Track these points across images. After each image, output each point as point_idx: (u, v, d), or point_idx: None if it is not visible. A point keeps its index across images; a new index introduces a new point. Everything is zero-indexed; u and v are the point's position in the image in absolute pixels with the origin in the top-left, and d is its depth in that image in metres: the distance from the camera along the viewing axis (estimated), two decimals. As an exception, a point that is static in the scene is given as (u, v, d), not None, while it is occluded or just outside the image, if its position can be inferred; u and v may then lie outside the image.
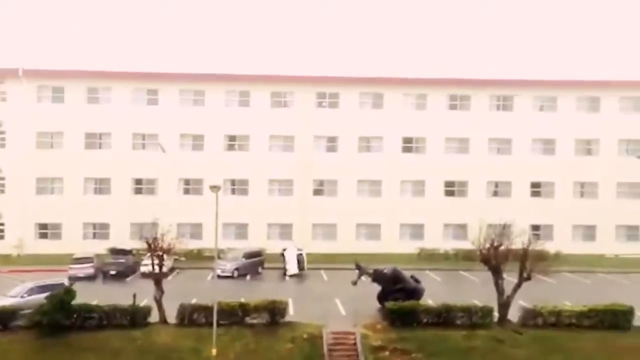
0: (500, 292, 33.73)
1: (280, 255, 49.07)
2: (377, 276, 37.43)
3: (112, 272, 46.04)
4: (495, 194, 59.47)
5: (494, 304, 33.92)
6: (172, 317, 32.75)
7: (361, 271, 38.37)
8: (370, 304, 36.51)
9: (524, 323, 33.36)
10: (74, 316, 31.61)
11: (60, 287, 34.92)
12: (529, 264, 33.61)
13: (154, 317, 32.86)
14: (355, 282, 38.28)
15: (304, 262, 48.29)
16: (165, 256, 34.96)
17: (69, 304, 31.54)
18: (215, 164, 56.58)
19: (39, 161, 56.20)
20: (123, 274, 46.08)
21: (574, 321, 33.28)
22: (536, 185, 59.41)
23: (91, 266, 45.66)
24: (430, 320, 33.02)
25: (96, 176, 57.14)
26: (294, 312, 34.73)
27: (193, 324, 32.32)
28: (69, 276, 42.48)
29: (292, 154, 58.20)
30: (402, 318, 32.88)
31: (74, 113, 56.50)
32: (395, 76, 59.52)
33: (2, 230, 56.36)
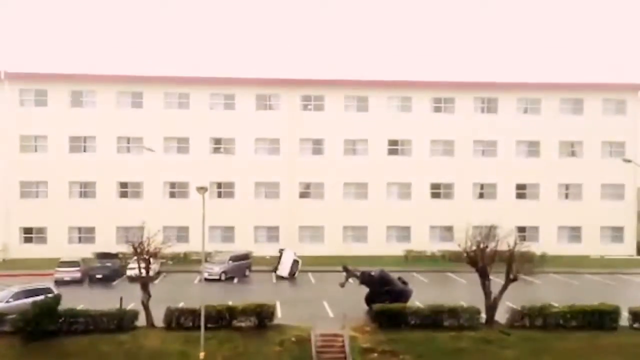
0: (487, 294, 33.87)
1: (278, 252, 49.44)
2: (365, 278, 37.46)
3: (98, 276, 45.64)
4: (481, 195, 59.83)
5: (481, 305, 34.07)
6: (159, 321, 32.57)
7: (349, 273, 38.35)
8: (358, 306, 36.49)
9: (511, 324, 33.47)
10: (60, 321, 31.30)
11: (46, 291, 34.65)
12: (515, 266, 33.81)
13: (141, 321, 32.67)
14: (343, 285, 38.30)
15: (297, 269, 48.45)
16: (151, 260, 34.74)
17: (55, 311, 31.23)
18: (200, 167, 56.42)
19: (22, 165, 55.75)
20: (109, 277, 45.71)
21: (561, 322, 33.45)
22: (521, 187, 59.84)
23: (77, 270, 45.24)
24: (418, 322, 33.03)
25: (81, 180, 56.78)
26: (282, 315, 34.69)
27: (180, 327, 32.11)
28: (55, 280, 42.32)
29: (278, 156, 58.19)
30: (390, 320, 32.90)
31: (57, 116, 56.10)
32: (379, 79, 59.80)
33: (-14, 235, 55.70)
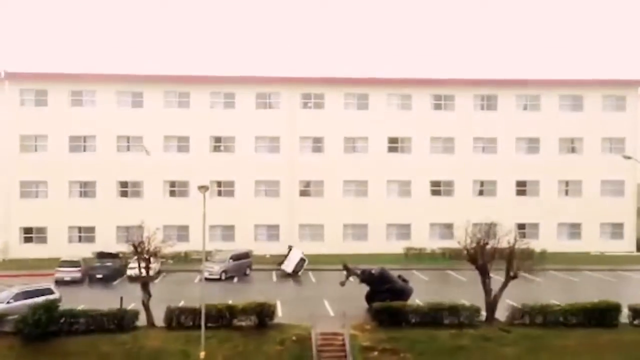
0: (487, 291, 33.90)
1: (287, 248, 50.04)
2: (365, 277, 37.48)
3: (98, 276, 45.64)
4: (481, 193, 59.83)
5: (481, 303, 34.10)
6: (160, 320, 32.61)
7: (349, 272, 38.35)
8: (358, 305, 36.51)
9: (511, 321, 33.51)
10: (61, 321, 31.32)
11: (46, 292, 34.68)
12: (515, 263, 33.85)
13: (142, 320, 32.71)
14: (343, 283, 38.33)
15: (302, 268, 48.68)
16: (152, 259, 34.77)
17: (55, 312, 31.21)
18: (201, 165, 56.42)
19: (22, 165, 55.73)
20: (110, 277, 45.73)
21: (561, 319, 33.50)
22: (521, 183, 59.84)
23: (78, 270, 45.24)
24: (418, 320, 33.09)
25: (81, 179, 56.78)
26: (282, 314, 34.68)
27: (181, 327, 32.15)
28: (55, 280, 42.33)
29: (278, 155, 58.17)
30: (390, 318, 32.94)
31: (57, 116, 56.08)
32: (379, 77, 59.77)
33: (-14, 235, 55.75)
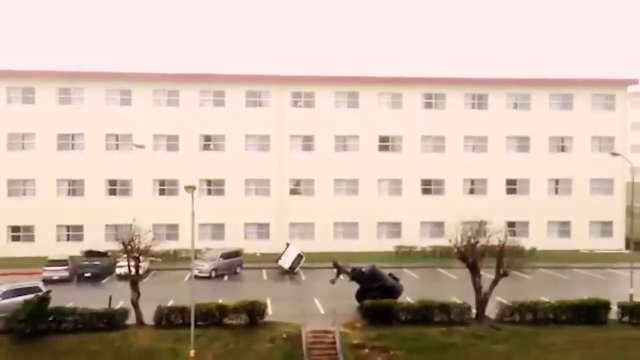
0: (477, 289, 33.99)
1: (285, 245, 50.36)
2: (356, 275, 37.47)
3: (87, 275, 45.39)
4: (472, 191, 59.90)
5: (471, 301, 34.20)
6: (149, 319, 32.44)
7: (339, 270, 38.35)
8: (349, 303, 36.51)
9: (501, 319, 33.64)
10: (50, 319, 31.12)
11: (35, 290, 34.46)
12: (505, 261, 33.98)
13: (132, 319, 32.52)
14: (333, 281, 38.37)
15: (298, 265, 48.83)
16: (141, 258, 34.60)
17: (45, 309, 31.06)
18: (190, 164, 56.14)
19: (10, 163, 55.21)
20: (98, 276, 45.48)
21: (551, 316, 33.69)
22: (511, 182, 59.94)
23: (66, 269, 44.97)
24: (408, 318, 33.17)
25: (69, 177, 56.34)
26: (272, 312, 34.61)
27: (171, 325, 32.03)
28: (43, 279, 41.96)
29: (268, 153, 57.98)
30: (380, 316, 32.98)
31: (45, 114, 55.59)
32: (370, 75, 59.73)
33: (-27, 234, 55.28)
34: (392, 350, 30.62)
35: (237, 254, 49.50)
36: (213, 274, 46.27)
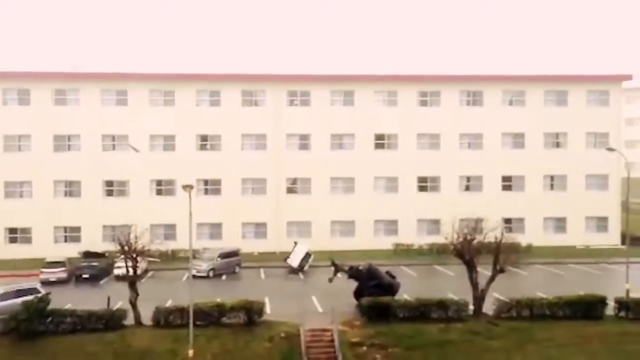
0: (474, 285, 34.15)
1: (293, 244, 50.43)
2: (353, 273, 37.61)
3: (85, 276, 45.40)
4: (467, 188, 60.00)
5: (468, 297, 34.34)
6: (147, 319, 32.50)
7: (337, 268, 38.48)
8: (346, 301, 36.64)
9: (499, 315, 33.81)
10: (48, 321, 31.17)
11: (33, 291, 34.58)
12: (502, 257, 34.11)
13: (130, 320, 32.58)
14: (331, 280, 38.46)
15: (307, 263, 48.86)
16: (139, 258, 34.65)
17: (44, 311, 31.13)
18: (187, 164, 56.10)
19: (6, 165, 55.14)
20: (96, 277, 45.49)
21: (547, 312, 33.86)
22: (507, 179, 60.05)
23: (63, 270, 45.00)
24: (406, 315, 33.32)
25: (66, 179, 56.28)
26: (271, 311, 34.71)
27: (169, 325, 32.09)
28: (40, 281, 41.98)
29: (264, 152, 58.02)
30: (378, 313, 33.12)
31: (41, 115, 55.49)
32: (365, 73, 59.80)
33: (-30, 236, 55.22)
34: (391, 348, 30.78)
35: (235, 253, 49.57)
36: (211, 274, 46.37)
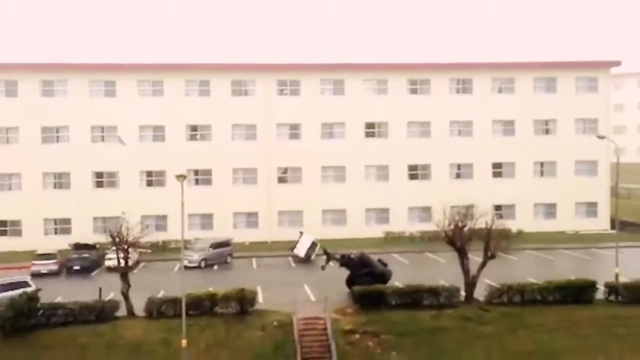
0: (465, 272, 34.33)
1: (299, 234, 50.31)
2: (345, 261, 37.68)
3: (76, 268, 45.28)
4: (458, 176, 60.16)
5: (460, 284, 34.52)
6: (140, 310, 32.46)
7: (329, 257, 38.60)
8: (339, 289, 36.74)
9: (490, 301, 34.00)
10: (39, 314, 31.03)
11: (24, 284, 34.48)
12: (492, 243, 34.30)
13: (122, 311, 32.52)
14: (323, 268, 38.59)
15: (313, 252, 48.43)
16: (130, 249, 34.58)
17: (35, 304, 30.93)
18: (177, 154, 55.84)
19: (-6, 157, 54.82)
20: (87, 268, 45.37)
21: (538, 297, 34.08)
22: (497, 165, 60.24)
23: (54, 262, 44.87)
24: (398, 302, 33.45)
25: (55, 170, 55.96)
26: (263, 300, 34.76)
27: (162, 316, 32.10)
28: (31, 273, 41.85)
29: (254, 142, 57.87)
30: (370, 301, 33.22)
31: (28, 107, 55.06)
32: (355, 62, 59.66)
33: (-41, 229, 54.91)
34: (383, 335, 30.93)
35: (226, 243, 49.52)
36: (203, 264, 46.36)
